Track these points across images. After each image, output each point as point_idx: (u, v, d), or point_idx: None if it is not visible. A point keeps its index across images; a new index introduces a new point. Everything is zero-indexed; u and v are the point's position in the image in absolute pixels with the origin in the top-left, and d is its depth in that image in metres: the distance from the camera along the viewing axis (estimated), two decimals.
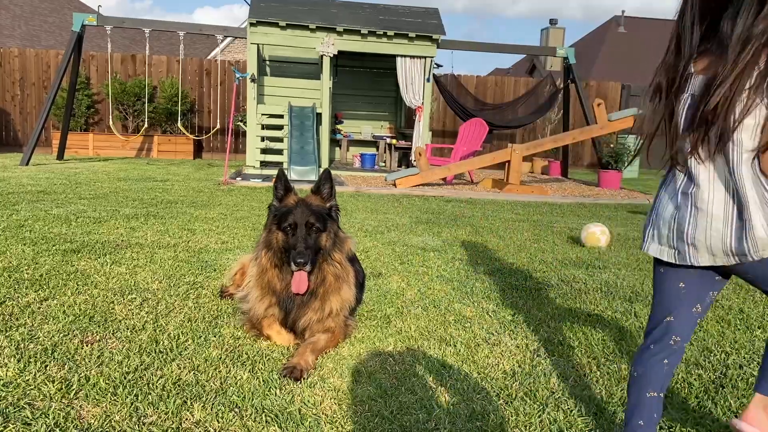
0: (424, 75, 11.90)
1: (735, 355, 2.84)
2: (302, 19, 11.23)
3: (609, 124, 10.87)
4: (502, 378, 2.51)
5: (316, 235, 2.70)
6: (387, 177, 10.29)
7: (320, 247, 2.72)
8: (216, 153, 15.13)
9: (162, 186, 8.42)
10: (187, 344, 2.68)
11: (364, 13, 11.95)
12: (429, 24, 11.92)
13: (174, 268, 3.97)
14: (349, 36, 11.42)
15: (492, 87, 16.63)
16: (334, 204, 2.82)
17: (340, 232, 2.83)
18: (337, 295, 2.75)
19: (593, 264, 4.73)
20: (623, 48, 31.89)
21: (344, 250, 2.80)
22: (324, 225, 2.73)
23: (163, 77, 14.92)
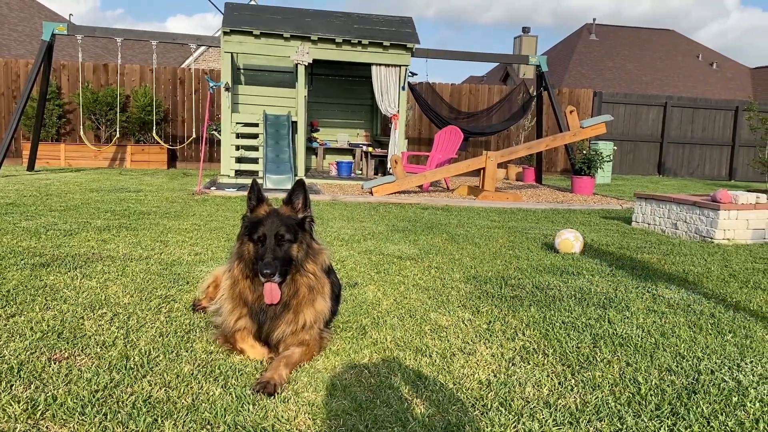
0: (399, 83, 11.94)
1: (707, 360, 2.88)
2: (276, 27, 11.20)
3: (581, 130, 11.00)
4: (478, 388, 2.51)
5: (287, 246, 2.66)
6: (363, 185, 10.29)
7: (291, 258, 2.68)
8: (190, 162, 14.99)
9: (135, 197, 8.31)
10: (159, 360, 2.64)
11: (338, 22, 11.96)
12: (403, 33, 11.97)
13: (146, 282, 3.91)
14: (324, 44, 11.42)
15: (467, 95, 16.74)
16: (307, 215, 2.77)
17: (313, 243, 2.79)
18: (311, 307, 2.73)
19: (567, 270, 4.77)
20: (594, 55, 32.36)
21: (318, 261, 2.76)
22: (295, 236, 2.69)
23: (136, 86, 14.76)
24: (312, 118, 14.11)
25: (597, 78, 30.10)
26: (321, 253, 2.82)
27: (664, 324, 3.44)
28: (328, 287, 2.86)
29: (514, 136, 16.54)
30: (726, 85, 32.27)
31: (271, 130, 11.27)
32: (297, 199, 2.74)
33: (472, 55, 13.20)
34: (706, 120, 18.33)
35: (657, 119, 18.06)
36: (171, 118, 15.13)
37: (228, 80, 11.31)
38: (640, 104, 17.93)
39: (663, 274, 4.81)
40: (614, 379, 2.64)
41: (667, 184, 15.45)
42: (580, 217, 8.18)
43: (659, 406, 2.38)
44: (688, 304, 3.88)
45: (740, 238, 6.50)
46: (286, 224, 2.67)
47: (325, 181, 11.67)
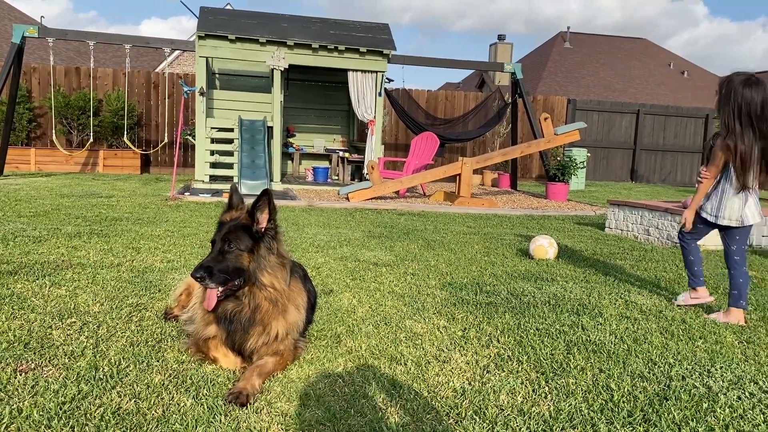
0: (376, 89, 11.95)
1: (678, 367, 2.91)
2: (252, 32, 11.14)
3: (555, 137, 11.11)
4: (452, 396, 2.50)
5: (235, 254, 2.58)
6: (340, 191, 10.27)
7: (240, 268, 2.59)
8: (164, 167, 14.82)
9: (107, 202, 8.18)
10: (129, 370, 2.59)
11: (314, 28, 11.94)
12: (380, 39, 11.99)
13: (117, 290, 3.84)
14: (300, 50, 11.39)
15: (443, 101, 16.82)
16: (270, 226, 2.68)
17: (271, 257, 2.67)
18: (282, 319, 2.69)
19: (541, 277, 4.80)
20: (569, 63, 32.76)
21: (279, 275, 2.67)
22: (247, 245, 2.60)
23: (109, 90, 14.57)
24: (288, 124, 14.06)
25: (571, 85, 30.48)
26: (282, 267, 2.70)
27: (636, 330, 3.48)
28: (302, 298, 2.83)
29: (490, 143, 16.66)
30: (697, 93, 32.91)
31: (246, 135, 11.20)
32: (261, 211, 2.65)
33: (448, 62, 13.27)
34: (678, 127, 18.67)
35: (630, 126, 18.34)
36: (145, 123, 14.95)
37: (203, 85, 11.22)
38: (613, 112, 18.20)
39: (636, 280, 4.86)
40: (587, 386, 2.65)
41: (640, 190, 15.67)
42: (554, 223, 8.25)
43: (631, 412, 2.40)
44: (660, 310, 3.93)
45: (710, 244, 6.59)
46: (240, 233, 2.60)
47: (301, 187, 11.62)
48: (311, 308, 3.24)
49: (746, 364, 3.01)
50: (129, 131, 13.86)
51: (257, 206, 2.65)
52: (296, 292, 2.80)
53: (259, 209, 2.65)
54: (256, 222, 2.65)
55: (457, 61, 13.38)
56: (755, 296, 4.44)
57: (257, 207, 2.65)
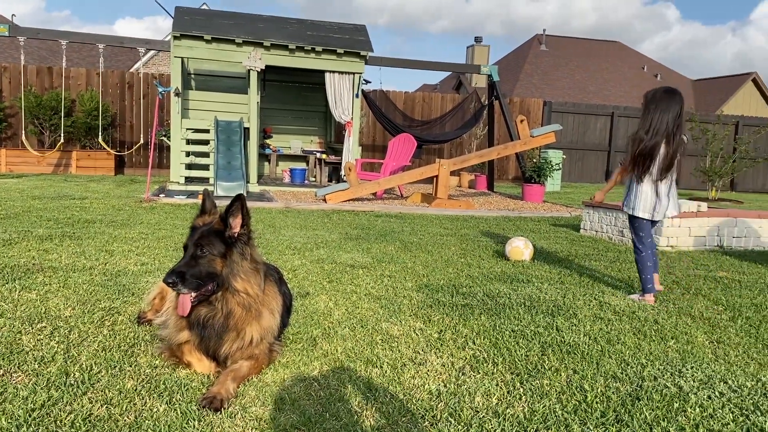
0: (353, 91, 11.94)
1: (650, 367, 2.95)
2: (228, 33, 11.06)
3: (531, 139, 11.21)
4: (428, 399, 2.51)
5: (208, 259, 2.55)
6: (317, 192, 10.24)
7: (213, 273, 2.56)
8: (139, 169, 14.65)
9: (80, 204, 8.06)
10: (100, 376, 2.55)
11: (291, 29, 11.90)
12: (357, 41, 11.99)
13: (89, 293, 3.78)
14: (277, 51, 11.33)
15: (420, 103, 16.87)
16: (243, 231, 2.65)
17: (245, 262, 2.64)
18: (256, 324, 2.67)
19: (517, 278, 4.83)
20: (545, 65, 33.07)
21: (253, 280, 2.65)
22: (220, 250, 2.58)
23: (82, 90, 14.35)
24: (265, 125, 13.98)
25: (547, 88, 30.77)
26: (256, 272, 2.68)
27: (610, 331, 3.52)
28: (277, 302, 2.81)
29: (467, 144, 16.75)
30: None
31: (222, 136, 11.11)
32: (234, 216, 2.62)
33: (425, 63, 13.31)
34: None
35: (604, 128, 18.57)
36: (119, 123, 14.76)
37: (178, 85, 11.11)
38: (588, 114, 18.41)
39: (610, 280, 4.92)
40: (561, 387, 2.68)
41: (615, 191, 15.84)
42: (530, 225, 8.31)
43: (604, 413, 2.43)
44: (633, 311, 3.98)
45: (683, 245, 6.71)
46: (213, 238, 2.57)
47: (278, 188, 11.56)
48: (287, 311, 3.23)
49: (716, 363, 3.06)
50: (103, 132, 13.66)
51: (230, 211, 2.62)
52: (271, 297, 2.78)
53: (232, 214, 2.63)
54: (229, 227, 2.63)
55: (434, 63, 13.43)
56: (725, 297, 4.52)
57: (230, 212, 2.62)
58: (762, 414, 2.47)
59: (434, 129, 14.38)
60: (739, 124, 18.86)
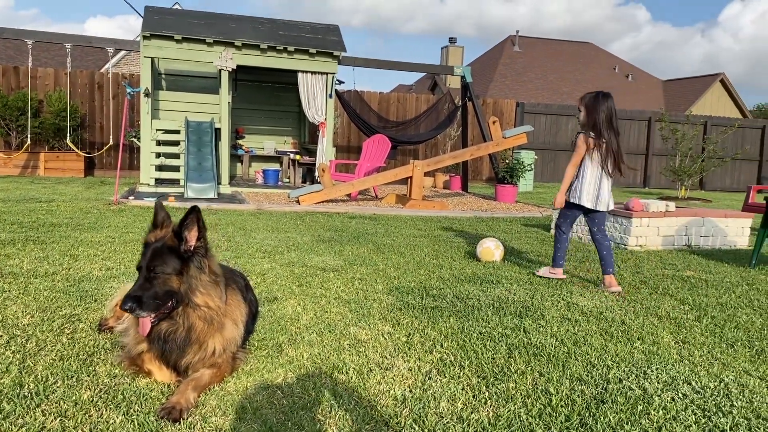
0: (327, 91, 11.88)
1: (616, 369, 2.96)
2: (199, 32, 10.93)
3: (503, 140, 11.26)
4: (393, 405, 2.48)
5: (163, 278, 2.48)
6: (290, 194, 10.16)
7: (171, 291, 2.49)
8: (109, 170, 14.41)
9: (46, 207, 7.89)
10: (56, 386, 2.48)
11: (263, 28, 11.80)
12: (330, 41, 11.93)
13: (50, 300, 3.69)
14: (249, 50, 11.23)
15: (395, 103, 16.86)
16: (200, 245, 2.57)
17: (203, 276, 2.57)
18: (219, 335, 2.60)
19: (487, 279, 4.83)
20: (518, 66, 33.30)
21: (213, 293, 2.59)
22: (175, 267, 2.50)
23: (50, 91, 14.07)
24: (237, 125, 13.85)
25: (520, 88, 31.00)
26: (216, 284, 2.61)
27: (577, 332, 3.53)
28: (241, 311, 2.75)
29: (441, 145, 16.78)
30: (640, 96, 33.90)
31: (193, 137, 10.97)
32: (189, 229, 2.54)
33: (398, 64, 13.30)
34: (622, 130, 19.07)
35: (576, 129, 18.73)
36: (88, 124, 14.51)
37: (148, 86, 10.94)
38: (560, 114, 18.57)
39: (578, 281, 4.95)
40: (527, 390, 2.67)
41: None
42: (502, 225, 8.34)
43: (569, 417, 2.42)
44: (600, 312, 4.01)
45: (652, 244, 6.79)
46: (166, 255, 2.49)
47: (250, 190, 11.45)
48: (252, 318, 3.18)
49: (681, 364, 3.08)
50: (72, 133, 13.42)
51: (185, 224, 2.52)
52: (234, 306, 2.72)
53: (187, 227, 2.53)
54: (184, 241, 2.53)
55: (408, 64, 13.42)
56: (692, 296, 4.57)
57: (185, 225, 2.52)
58: (724, 415, 2.49)
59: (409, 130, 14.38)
60: (708, 124, 19.19)
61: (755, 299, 4.56)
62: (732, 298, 4.56)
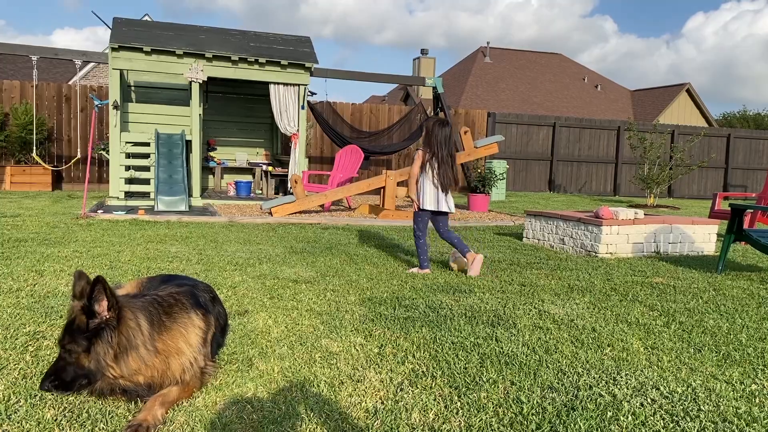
0: (299, 102, 11.86)
1: (586, 376, 2.98)
2: (168, 44, 10.84)
3: (475, 150, 11.35)
4: (364, 417, 2.46)
5: (74, 358, 2.39)
6: (263, 205, 10.09)
7: (82, 372, 2.41)
8: (78, 184, 14.18)
9: (11, 222, 7.72)
10: (18, 406, 2.41)
11: (234, 40, 11.76)
12: (301, 52, 11.93)
13: (13, 317, 3.60)
14: (219, 62, 11.17)
15: (367, 114, 16.90)
16: (112, 315, 2.42)
17: (110, 350, 2.41)
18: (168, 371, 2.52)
19: (460, 288, 4.85)
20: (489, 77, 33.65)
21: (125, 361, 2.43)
22: (83, 345, 2.39)
23: (16, 103, 13.82)
24: (209, 137, 13.75)
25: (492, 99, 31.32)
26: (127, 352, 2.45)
27: (548, 340, 3.55)
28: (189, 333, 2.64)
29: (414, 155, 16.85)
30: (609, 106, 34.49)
31: (163, 149, 10.85)
32: (98, 302, 2.41)
33: (370, 75, 13.35)
34: (592, 139, 19.47)
35: (547, 138, 18.98)
36: (56, 137, 14.28)
37: (116, 98, 10.81)
38: (531, 124, 18.79)
39: (550, 289, 4.99)
40: (499, 399, 2.67)
41: (557, 200, 16.22)
42: (475, 234, 8.39)
43: (540, 425, 2.43)
44: (571, 319, 4.04)
45: (621, 252, 6.88)
46: (74, 333, 2.40)
47: (222, 202, 11.36)
48: (221, 331, 3.14)
49: (650, 369, 3.12)
50: (39, 146, 13.19)
51: (92, 298, 2.39)
52: (176, 335, 2.60)
53: (96, 300, 2.40)
54: (95, 315, 2.41)
55: (379, 75, 13.48)
56: (660, 302, 4.63)
57: (93, 299, 2.39)
58: (691, 419, 2.53)
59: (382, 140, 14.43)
60: (675, 133, 19.58)
61: (722, 304, 4.64)
62: (699, 304, 4.63)
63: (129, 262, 5.46)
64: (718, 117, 43.43)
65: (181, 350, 2.57)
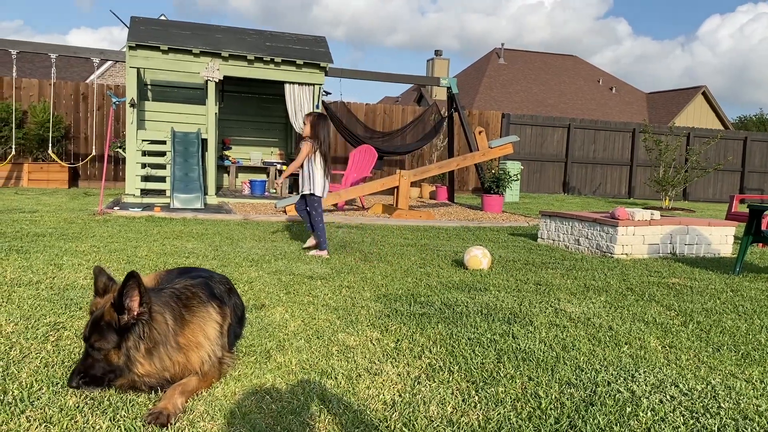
0: (313, 102, 11.90)
1: (604, 372, 2.97)
2: (185, 43, 10.92)
3: (489, 150, 11.33)
4: (382, 409, 2.47)
5: (103, 353, 2.40)
6: (277, 204, 10.12)
7: (108, 367, 2.42)
8: (94, 181, 14.31)
9: (30, 218, 7.81)
10: (41, 393, 2.44)
11: (250, 39, 11.82)
12: (317, 52, 11.97)
13: (34, 308, 3.64)
14: (235, 61, 11.23)
15: (381, 114, 16.92)
16: (143, 310, 2.43)
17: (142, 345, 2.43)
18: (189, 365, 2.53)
19: (475, 286, 4.84)
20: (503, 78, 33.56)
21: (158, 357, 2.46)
22: (113, 342, 2.40)
23: (34, 102, 13.97)
24: (224, 136, 13.82)
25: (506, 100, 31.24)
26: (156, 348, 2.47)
27: (565, 338, 3.54)
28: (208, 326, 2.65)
29: (428, 156, 16.84)
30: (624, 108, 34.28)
31: (179, 147, 10.93)
32: (130, 297, 2.41)
33: (385, 75, 13.36)
34: (607, 141, 19.36)
35: (561, 140, 18.90)
36: (73, 135, 14.42)
37: (133, 96, 10.89)
38: (545, 126, 18.72)
39: (566, 288, 4.97)
40: (516, 394, 2.67)
41: (572, 202, 16.15)
42: (489, 234, 8.37)
43: (558, 419, 2.43)
44: (588, 318, 4.02)
45: (637, 252, 6.84)
46: (104, 330, 2.39)
47: (237, 200, 11.41)
48: (239, 322, 3.16)
49: (668, 367, 3.10)
50: (57, 144, 13.33)
51: (125, 293, 2.40)
52: (196, 330, 2.60)
53: (128, 296, 2.41)
54: (128, 310, 2.42)
55: (395, 75, 13.49)
56: (677, 302, 4.60)
57: (125, 294, 2.40)
58: (712, 416, 2.51)
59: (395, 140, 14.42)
60: (691, 136, 19.43)
61: (740, 305, 4.60)
62: (717, 304, 4.60)
63: (146, 257, 5.51)
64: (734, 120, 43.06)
65: (200, 344, 2.58)
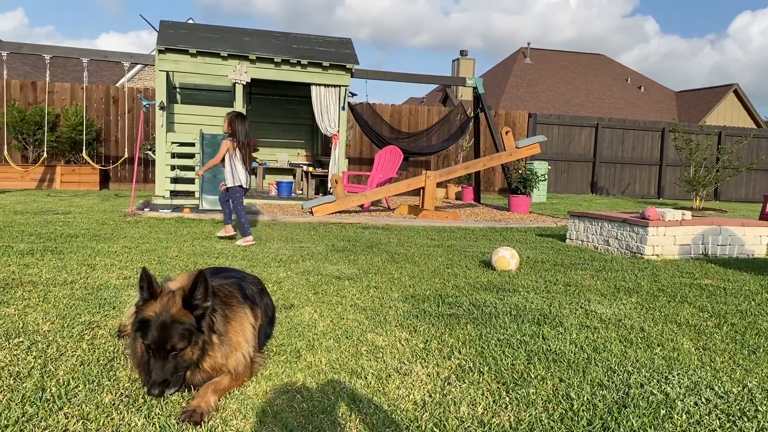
0: (339, 103, 11.94)
1: (636, 375, 2.93)
2: (213, 46, 11.05)
3: (516, 150, 11.26)
4: (413, 409, 2.47)
5: (179, 354, 2.43)
6: (304, 205, 10.19)
7: (186, 365, 2.46)
8: (124, 183, 14.55)
9: (63, 219, 7.97)
10: (78, 390, 2.49)
11: (277, 42, 11.91)
12: (343, 53, 12.02)
13: (69, 307, 3.72)
14: (263, 64, 11.33)
15: (407, 115, 16.92)
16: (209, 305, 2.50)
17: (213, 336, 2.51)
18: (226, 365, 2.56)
19: (503, 287, 4.81)
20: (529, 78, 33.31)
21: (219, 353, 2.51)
22: (189, 341, 2.43)
23: (66, 105, 14.26)
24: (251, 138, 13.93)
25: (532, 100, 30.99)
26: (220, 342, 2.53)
27: (596, 339, 3.50)
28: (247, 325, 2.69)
29: (453, 156, 16.80)
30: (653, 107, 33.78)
31: (207, 149, 11.03)
32: (197, 293, 2.47)
33: (411, 76, 13.36)
34: (636, 140, 19.10)
35: (589, 140, 18.70)
36: (104, 138, 14.68)
37: (163, 99, 11.05)
38: (572, 125, 18.54)
39: (595, 289, 4.92)
40: (548, 395, 2.65)
41: (600, 202, 15.96)
42: (516, 235, 8.32)
43: (591, 421, 2.40)
44: (619, 319, 3.97)
45: (668, 253, 6.74)
46: (179, 330, 2.42)
47: (264, 202, 11.51)
48: (270, 322, 3.19)
49: (702, 370, 3.05)
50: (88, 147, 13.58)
51: (195, 295, 2.46)
52: (238, 327, 2.64)
53: (197, 294, 2.47)
54: (199, 306, 2.47)
55: (420, 76, 13.48)
56: (711, 304, 4.52)
57: (196, 296, 2.46)
58: (749, 420, 2.46)
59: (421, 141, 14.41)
60: (722, 134, 19.07)
61: None
62: (752, 306, 4.50)
63: (176, 257, 5.58)
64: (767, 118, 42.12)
65: (239, 344, 2.62)
